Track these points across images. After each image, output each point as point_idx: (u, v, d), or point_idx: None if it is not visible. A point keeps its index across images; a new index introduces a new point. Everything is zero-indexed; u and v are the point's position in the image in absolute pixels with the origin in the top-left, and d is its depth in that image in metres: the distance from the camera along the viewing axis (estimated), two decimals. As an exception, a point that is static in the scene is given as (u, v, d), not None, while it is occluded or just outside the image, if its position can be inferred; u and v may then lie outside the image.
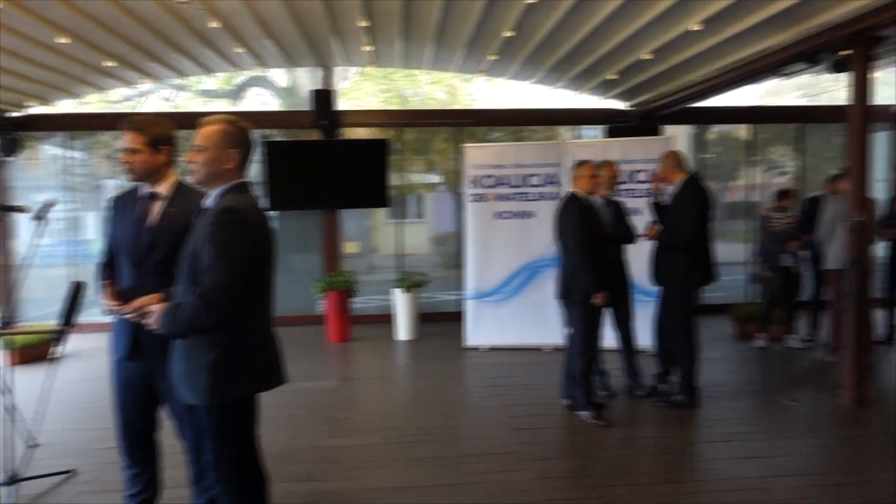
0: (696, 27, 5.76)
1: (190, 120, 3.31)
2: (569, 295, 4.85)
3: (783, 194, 7.09)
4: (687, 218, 4.97)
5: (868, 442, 4.37)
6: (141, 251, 2.84)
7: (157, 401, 2.99)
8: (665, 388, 5.42)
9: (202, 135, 2.53)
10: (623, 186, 6.53)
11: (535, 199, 7.24)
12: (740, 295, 9.21)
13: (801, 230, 6.95)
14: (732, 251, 9.57)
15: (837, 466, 4.04)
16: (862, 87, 5.06)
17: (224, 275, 2.36)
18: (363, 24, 6.65)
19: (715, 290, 8.88)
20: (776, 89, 9.42)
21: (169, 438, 3.13)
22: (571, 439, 4.59)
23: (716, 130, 10.30)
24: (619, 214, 5.54)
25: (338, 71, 9.33)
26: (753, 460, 4.10)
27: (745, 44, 6.17)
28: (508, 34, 6.62)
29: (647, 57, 6.83)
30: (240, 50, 7.30)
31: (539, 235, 7.13)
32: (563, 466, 4.13)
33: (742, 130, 9.85)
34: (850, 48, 5.04)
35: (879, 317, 7.09)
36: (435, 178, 11.24)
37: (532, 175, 7.26)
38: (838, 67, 5.25)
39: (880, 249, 6.98)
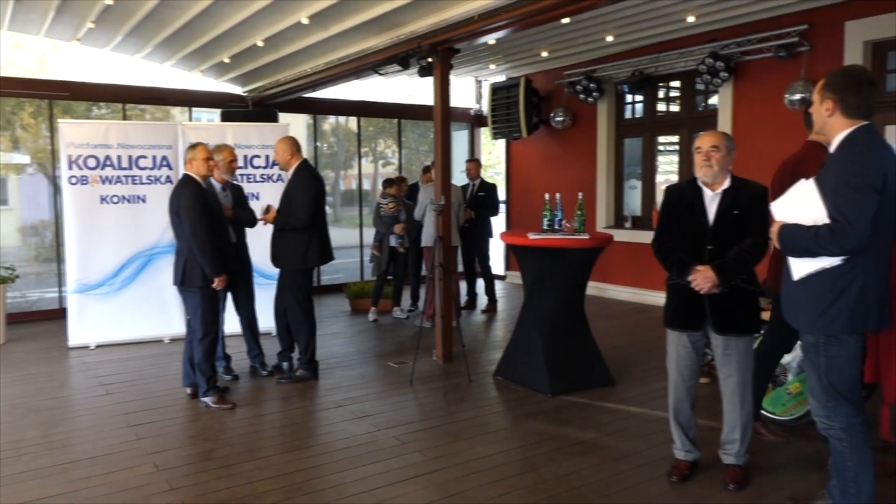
0: (305, 20, 6.06)
1: None
2: (185, 280, 4.74)
3: (389, 182, 7.92)
4: (302, 201, 5.22)
5: (454, 389, 5.22)
6: None
7: None
8: (287, 365, 5.66)
9: None
10: (239, 171, 6.54)
11: (146, 183, 6.79)
12: (356, 275, 10.03)
13: (406, 214, 7.86)
14: (348, 235, 10.35)
15: (432, 413, 4.74)
16: (443, 91, 5.93)
17: None
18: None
19: (333, 271, 9.57)
20: (384, 87, 10.34)
21: None
22: (194, 426, 4.51)
23: (332, 121, 10.94)
24: (239, 198, 5.57)
25: None
26: (364, 418, 4.58)
27: (348, 42, 6.72)
28: (109, 2, 6.07)
29: (261, 44, 6.96)
30: None
31: (152, 221, 6.72)
32: (185, 454, 4.04)
33: (353, 123, 10.63)
34: (433, 56, 5.88)
35: (464, 286, 8.46)
36: (22, 158, 9.69)
37: (142, 157, 6.79)
38: (425, 72, 6.07)
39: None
